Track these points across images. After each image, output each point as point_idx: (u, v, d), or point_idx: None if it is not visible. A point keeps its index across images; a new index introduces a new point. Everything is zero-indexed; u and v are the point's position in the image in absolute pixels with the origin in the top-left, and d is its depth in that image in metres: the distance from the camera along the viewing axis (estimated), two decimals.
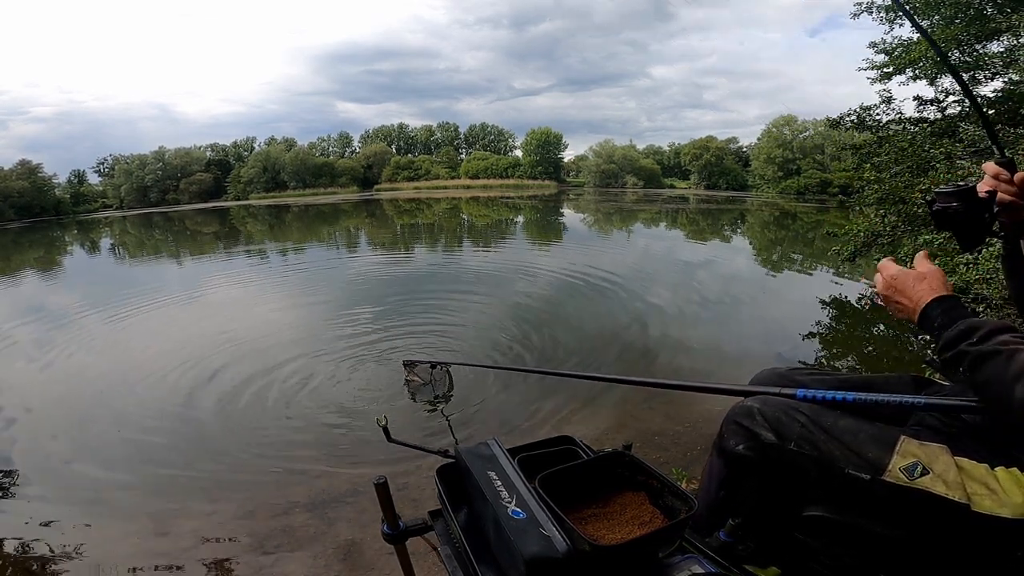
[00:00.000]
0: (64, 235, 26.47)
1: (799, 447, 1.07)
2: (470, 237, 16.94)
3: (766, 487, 1.18)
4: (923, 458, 0.95)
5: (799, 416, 1.09)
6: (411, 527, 1.12)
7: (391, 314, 6.54)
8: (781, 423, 1.10)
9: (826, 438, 1.04)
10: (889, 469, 0.96)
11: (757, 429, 1.12)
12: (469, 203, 32.93)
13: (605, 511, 1.04)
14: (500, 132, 61.35)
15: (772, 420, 1.11)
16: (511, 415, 3.85)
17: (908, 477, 0.94)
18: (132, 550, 2.63)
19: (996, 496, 0.89)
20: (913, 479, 0.94)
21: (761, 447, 1.12)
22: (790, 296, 7.76)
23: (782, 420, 1.10)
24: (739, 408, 1.18)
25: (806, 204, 25.93)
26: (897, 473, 0.95)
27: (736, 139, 44.01)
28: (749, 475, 1.19)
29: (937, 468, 0.93)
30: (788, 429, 1.09)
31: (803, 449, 1.06)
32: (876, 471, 0.97)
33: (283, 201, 42.65)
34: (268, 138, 57.11)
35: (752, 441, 1.13)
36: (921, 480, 0.93)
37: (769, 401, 1.14)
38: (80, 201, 47.91)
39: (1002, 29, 6.53)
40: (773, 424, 1.11)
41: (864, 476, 0.98)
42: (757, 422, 1.13)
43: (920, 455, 0.96)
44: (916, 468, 0.94)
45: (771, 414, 1.12)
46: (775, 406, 1.13)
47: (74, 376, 5.17)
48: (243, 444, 3.64)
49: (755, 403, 1.15)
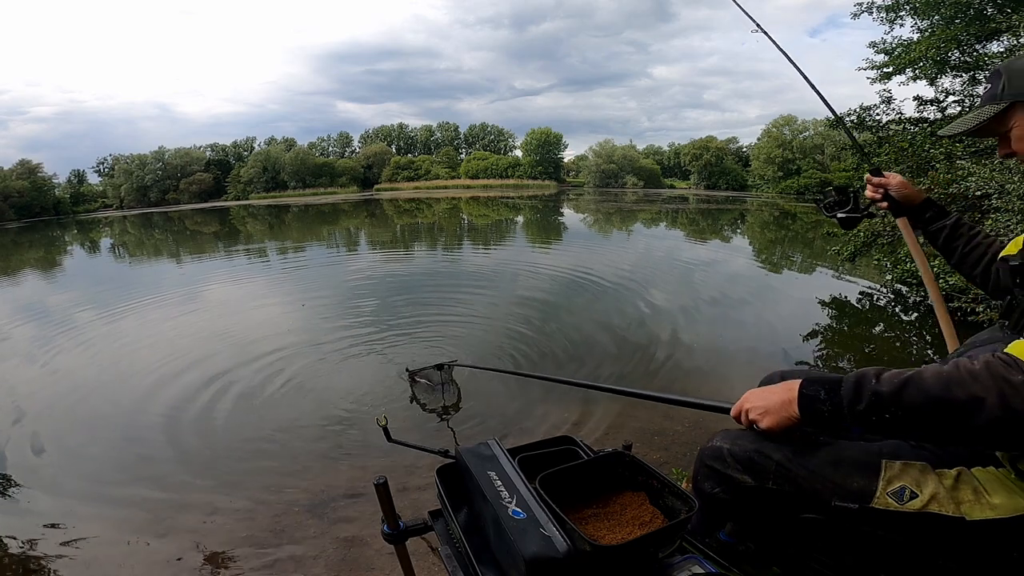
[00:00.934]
0: (64, 235, 26.47)
1: (778, 486, 1.00)
2: (470, 237, 16.95)
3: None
4: (909, 481, 0.92)
5: (773, 454, 1.01)
6: (411, 527, 1.12)
7: (391, 314, 6.53)
8: (754, 464, 1.02)
9: (806, 474, 0.98)
10: (877, 496, 0.93)
11: (730, 472, 1.05)
12: (469, 203, 32.94)
13: (605, 511, 1.04)
14: (500, 132, 61.47)
15: (744, 462, 1.03)
16: (511, 415, 3.85)
17: (898, 502, 0.92)
18: (131, 550, 2.63)
19: (984, 500, 0.88)
20: (903, 503, 0.91)
21: (737, 490, 1.05)
22: (790, 296, 7.76)
23: (755, 460, 1.02)
24: (708, 450, 1.09)
25: (806, 204, 25.93)
26: (886, 499, 0.93)
27: (736, 139, 44.24)
28: (729, 515, 1.15)
29: (925, 489, 0.91)
30: (762, 469, 1.01)
31: (783, 488, 1.00)
32: (864, 500, 0.94)
33: (283, 201, 42.68)
34: (268, 138, 57.31)
35: (726, 484, 1.06)
36: (911, 504, 0.91)
37: (739, 440, 1.05)
38: (80, 201, 47.97)
39: (1002, 29, 6.54)
40: (745, 465, 1.03)
41: (852, 506, 0.95)
42: (728, 464, 1.05)
43: (906, 479, 0.93)
44: (904, 492, 0.92)
45: (742, 455, 1.03)
46: (746, 445, 1.04)
47: (73, 376, 5.17)
48: (243, 444, 3.64)
49: (724, 443, 1.07)
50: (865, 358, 5.13)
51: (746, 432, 1.05)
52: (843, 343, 5.60)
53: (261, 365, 4.94)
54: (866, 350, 5.42)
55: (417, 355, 5.03)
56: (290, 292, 8.57)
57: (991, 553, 0.92)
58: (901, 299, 6.93)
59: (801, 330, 5.74)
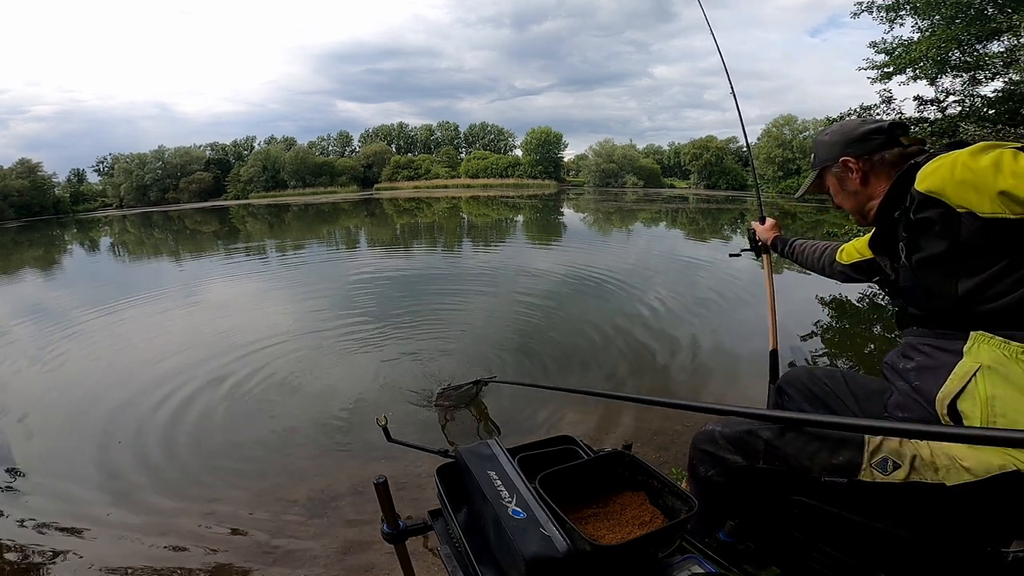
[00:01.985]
0: (63, 234, 26.46)
1: (768, 464, 1.08)
2: (470, 236, 16.94)
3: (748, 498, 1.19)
4: (890, 452, 0.98)
5: (762, 432, 1.09)
6: (411, 527, 1.12)
7: (392, 313, 6.53)
8: (744, 443, 1.11)
9: (794, 451, 1.06)
10: (863, 469, 0.99)
11: (722, 453, 1.13)
12: (469, 202, 32.92)
13: (605, 511, 1.04)
14: (500, 131, 61.45)
15: (735, 442, 1.12)
16: (511, 415, 3.85)
17: (883, 472, 0.98)
18: (130, 551, 2.63)
19: (958, 463, 0.92)
20: (888, 474, 0.97)
21: (730, 471, 1.12)
22: (790, 296, 7.75)
23: (745, 440, 1.11)
24: (701, 435, 1.19)
25: (806, 204, 25.91)
26: (871, 472, 0.98)
27: (736, 139, 44.04)
28: (724, 498, 1.20)
29: (905, 459, 0.97)
30: (753, 448, 1.10)
31: (773, 466, 1.07)
32: (851, 473, 1.00)
33: (283, 200, 42.68)
34: (268, 137, 57.35)
35: (720, 466, 1.14)
36: (896, 474, 0.97)
37: (730, 422, 1.15)
38: (79, 200, 48.00)
39: (1002, 29, 6.54)
40: (737, 446, 1.12)
41: (841, 480, 1.01)
42: (721, 446, 1.14)
43: (887, 450, 0.98)
44: (887, 463, 0.98)
45: (733, 436, 1.13)
46: (736, 426, 1.13)
47: (72, 375, 5.17)
48: (242, 444, 3.63)
49: (716, 426, 1.17)
50: (865, 358, 5.13)
51: (736, 418, 1.12)
52: (843, 343, 5.60)
53: (261, 364, 4.94)
54: (866, 350, 5.42)
55: (417, 355, 5.03)
56: (290, 291, 8.57)
57: (976, 522, 0.95)
58: None
59: (801, 330, 5.74)
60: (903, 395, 1.07)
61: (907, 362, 1.08)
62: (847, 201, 1.28)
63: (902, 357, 1.10)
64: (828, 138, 1.28)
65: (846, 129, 1.24)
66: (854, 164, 1.21)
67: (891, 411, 1.11)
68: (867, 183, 1.21)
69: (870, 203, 1.22)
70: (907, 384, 1.06)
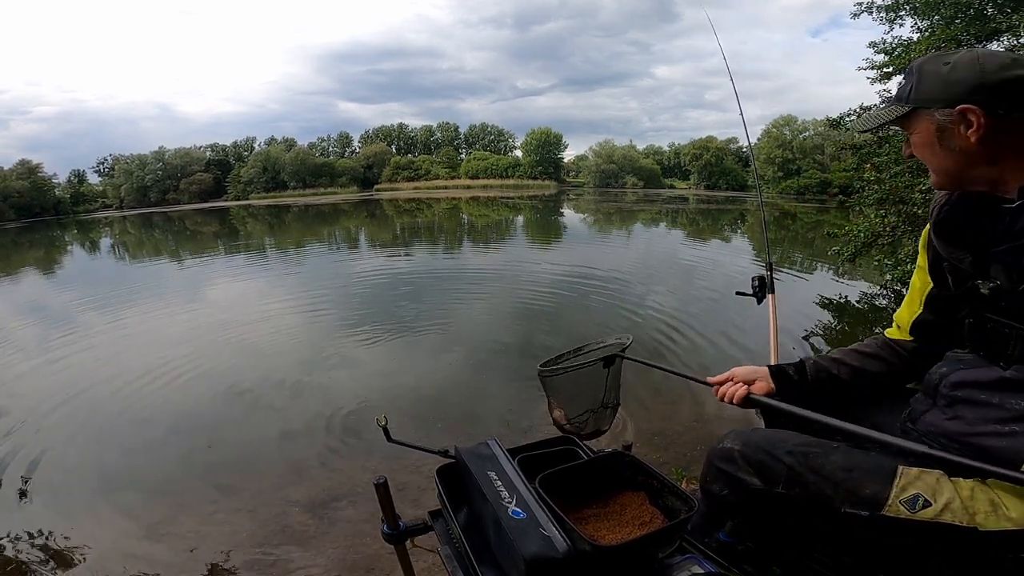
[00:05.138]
0: (64, 235, 26.46)
1: (788, 490, 0.99)
2: (470, 236, 16.95)
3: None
4: (924, 488, 0.90)
5: (784, 457, 1.00)
6: (411, 527, 1.12)
7: (391, 313, 6.53)
8: (765, 466, 1.02)
9: (817, 479, 0.97)
10: (889, 503, 0.91)
11: (740, 475, 1.04)
12: (469, 203, 32.92)
13: (605, 511, 1.04)
14: (500, 132, 61.47)
15: (755, 464, 1.03)
16: (511, 415, 3.84)
17: (910, 510, 0.89)
18: (130, 551, 2.63)
19: (1002, 512, 0.86)
20: (915, 512, 0.89)
21: (746, 492, 1.04)
22: (790, 296, 7.74)
23: (766, 463, 1.02)
24: (719, 452, 1.09)
25: (806, 204, 25.93)
26: (898, 507, 0.90)
27: (736, 139, 43.97)
28: (735, 514, 1.16)
29: (940, 498, 0.88)
30: (774, 472, 1.01)
31: (792, 492, 0.99)
32: (875, 507, 0.92)
33: (283, 201, 42.66)
34: (268, 138, 57.30)
35: (736, 487, 1.06)
36: (924, 512, 0.89)
37: (750, 441, 1.06)
38: (80, 201, 47.96)
39: (1002, 29, 6.53)
40: (756, 468, 1.03)
41: (862, 513, 0.92)
42: (739, 467, 1.05)
43: (921, 486, 0.90)
44: (918, 500, 0.89)
45: (753, 456, 1.03)
46: (756, 447, 1.04)
47: (72, 375, 5.15)
48: (241, 444, 3.63)
49: (735, 444, 1.07)
50: None
51: (757, 432, 1.06)
52: (843, 343, 5.59)
53: (260, 364, 4.94)
54: None
55: (418, 354, 5.03)
56: (290, 291, 8.56)
57: (1001, 561, 0.90)
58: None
59: (801, 330, 5.74)
60: (966, 423, 0.94)
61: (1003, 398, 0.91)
62: (939, 158, 0.94)
63: (990, 391, 0.92)
64: (948, 71, 0.90)
65: (985, 65, 0.86)
66: (978, 118, 0.87)
67: (925, 434, 1.00)
68: (986, 145, 0.88)
69: (976, 171, 0.92)
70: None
